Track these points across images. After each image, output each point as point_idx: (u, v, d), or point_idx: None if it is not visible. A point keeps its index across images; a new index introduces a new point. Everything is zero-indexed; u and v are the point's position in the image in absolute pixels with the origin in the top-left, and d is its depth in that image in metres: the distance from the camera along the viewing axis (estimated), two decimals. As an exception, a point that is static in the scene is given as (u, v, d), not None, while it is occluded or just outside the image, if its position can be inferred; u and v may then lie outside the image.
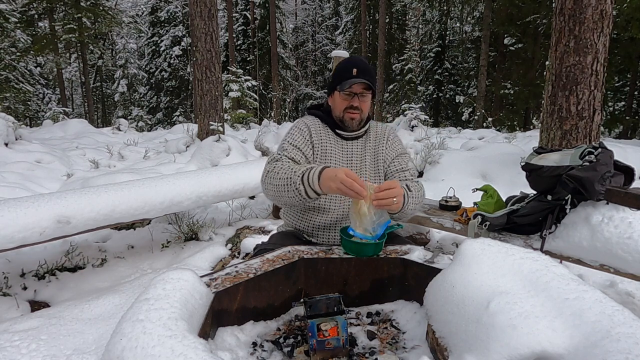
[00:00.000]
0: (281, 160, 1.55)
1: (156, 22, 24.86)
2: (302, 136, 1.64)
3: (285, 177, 1.41)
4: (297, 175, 1.37)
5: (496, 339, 0.81)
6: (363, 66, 1.57)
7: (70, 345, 1.81)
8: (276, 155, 1.60)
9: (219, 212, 3.75)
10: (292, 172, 1.41)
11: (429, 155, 4.65)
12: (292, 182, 1.38)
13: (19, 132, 6.27)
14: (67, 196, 2.25)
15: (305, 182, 1.35)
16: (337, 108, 1.63)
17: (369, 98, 1.62)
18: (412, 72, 19.15)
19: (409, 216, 1.59)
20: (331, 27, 30.35)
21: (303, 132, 1.65)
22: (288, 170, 1.43)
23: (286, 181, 1.40)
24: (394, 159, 1.70)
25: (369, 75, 1.57)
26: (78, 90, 29.98)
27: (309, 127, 1.66)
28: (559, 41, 3.57)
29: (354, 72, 1.55)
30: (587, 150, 1.93)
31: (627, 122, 13.12)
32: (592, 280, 2.43)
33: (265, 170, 1.55)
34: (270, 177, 1.48)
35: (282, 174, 1.43)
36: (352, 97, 1.58)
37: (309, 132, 1.65)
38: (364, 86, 1.57)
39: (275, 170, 1.47)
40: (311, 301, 1.12)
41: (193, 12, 5.69)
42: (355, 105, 1.59)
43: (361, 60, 1.61)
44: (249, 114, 12.70)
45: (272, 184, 1.46)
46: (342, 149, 1.67)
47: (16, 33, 13.59)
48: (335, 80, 1.62)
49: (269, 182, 1.49)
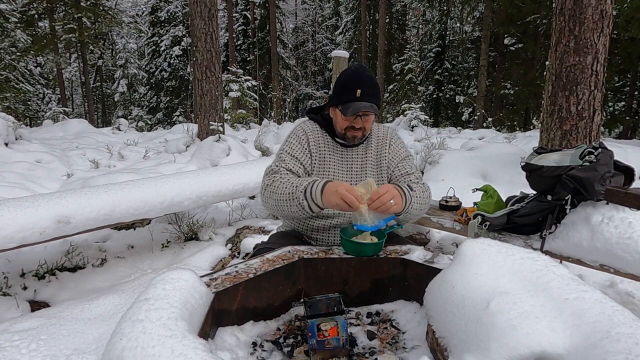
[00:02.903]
0: (279, 172, 1.53)
1: (156, 22, 24.85)
2: (300, 145, 1.60)
3: (287, 193, 1.41)
4: (300, 190, 1.38)
5: (496, 339, 0.81)
6: (368, 85, 1.50)
7: (70, 345, 1.81)
8: (274, 166, 1.57)
9: (219, 212, 3.75)
10: (293, 187, 1.40)
11: (429, 155, 4.65)
12: (294, 198, 1.39)
13: (19, 132, 6.27)
14: (67, 196, 2.25)
15: (308, 197, 1.36)
16: (339, 125, 1.59)
17: (372, 116, 1.57)
18: (412, 72, 19.13)
19: (415, 217, 1.56)
20: (331, 27, 30.33)
21: (301, 141, 1.61)
22: (289, 184, 1.42)
23: (288, 196, 1.40)
24: (398, 163, 1.66)
25: (374, 95, 1.51)
26: (78, 90, 29.98)
27: (307, 135, 1.62)
28: (559, 41, 3.57)
29: (358, 94, 1.47)
30: (587, 151, 1.93)
31: (627, 122, 13.11)
32: (592, 280, 2.43)
33: (264, 183, 1.53)
34: (270, 192, 1.47)
35: (283, 188, 1.43)
36: (355, 118, 1.53)
37: (307, 140, 1.61)
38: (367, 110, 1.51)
39: (275, 185, 1.46)
40: (311, 301, 1.12)
41: (193, 12, 5.69)
42: (357, 127, 1.54)
43: (366, 77, 1.52)
44: (249, 114, 12.69)
45: (273, 198, 1.46)
46: (342, 157, 1.63)
47: (16, 33, 13.58)
48: (337, 97, 1.54)
49: (269, 196, 1.48)
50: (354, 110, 1.49)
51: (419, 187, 1.54)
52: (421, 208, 1.52)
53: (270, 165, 1.59)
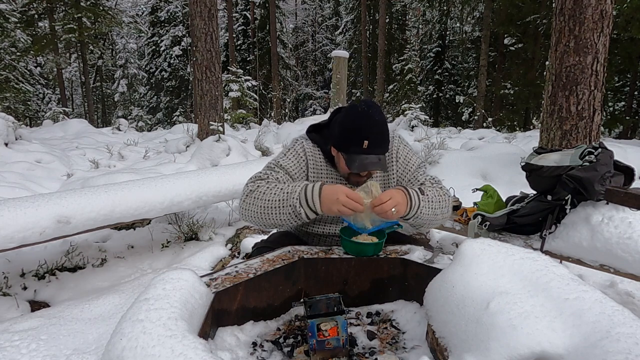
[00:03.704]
0: (267, 179, 1.39)
1: (156, 22, 24.85)
2: (298, 164, 1.47)
3: (276, 199, 1.29)
4: (294, 197, 1.27)
5: (496, 339, 0.81)
6: (377, 134, 1.34)
7: (70, 345, 1.81)
8: (261, 174, 1.42)
9: (219, 212, 3.75)
10: (284, 193, 1.29)
11: (429, 155, 4.65)
12: (287, 205, 1.28)
13: (19, 132, 6.27)
14: (67, 196, 2.25)
15: (304, 204, 1.27)
16: (342, 169, 1.45)
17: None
18: (412, 72, 19.13)
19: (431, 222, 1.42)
20: (331, 27, 30.33)
21: (300, 160, 1.47)
22: (278, 190, 1.31)
23: (279, 203, 1.29)
24: (411, 178, 1.51)
25: (382, 145, 1.37)
26: (78, 90, 29.97)
27: (307, 157, 1.48)
28: (559, 41, 3.57)
29: (365, 145, 1.32)
30: (587, 150, 1.93)
31: (627, 122, 13.11)
32: (592, 280, 2.43)
33: (246, 189, 1.38)
34: (254, 198, 1.34)
35: (271, 194, 1.31)
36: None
37: (306, 163, 1.48)
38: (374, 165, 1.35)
39: (260, 190, 1.34)
40: (311, 301, 1.12)
41: (193, 12, 5.69)
42: (363, 175, 1.43)
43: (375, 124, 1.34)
44: (249, 114, 12.70)
45: (257, 205, 1.32)
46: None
47: (16, 33, 13.57)
48: (342, 142, 1.37)
49: (252, 203, 1.34)
50: (360, 169, 1.35)
51: (434, 190, 1.41)
52: (436, 213, 1.39)
53: (256, 173, 1.46)
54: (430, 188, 1.43)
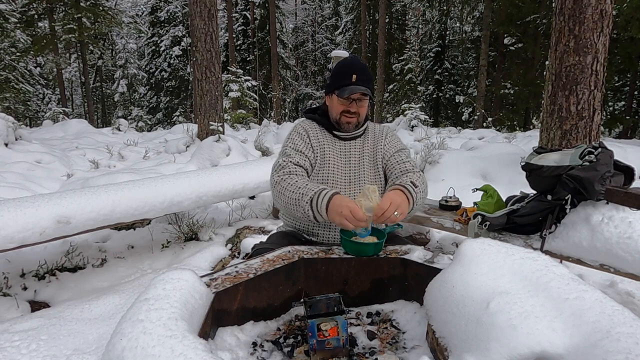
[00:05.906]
0: (287, 167, 1.59)
1: (156, 22, 24.85)
2: (302, 140, 1.68)
3: (294, 198, 1.45)
4: (306, 201, 1.41)
5: (496, 339, 0.81)
6: (362, 71, 1.60)
7: (70, 345, 1.81)
8: (281, 162, 1.62)
9: (219, 212, 3.75)
10: (300, 194, 1.44)
11: (429, 155, 4.65)
12: (300, 205, 1.43)
13: (19, 132, 6.27)
14: (67, 196, 2.25)
15: (314, 208, 1.39)
16: (335, 110, 1.67)
17: (367, 102, 1.66)
18: (412, 72, 19.13)
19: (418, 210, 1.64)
20: (331, 27, 30.33)
21: (302, 136, 1.69)
22: (296, 189, 1.46)
23: (295, 201, 1.45)
24: (394, 154, 1.72)
25: (368, 81, 1.61)
26: (78, 90, 29.98)
27: (307, 131, 1.70)
28: (559, 41, 3.57)
29: (354, 79, 1.58)
30: (587, 150, 1.93)
31: (627, 122, 13.11)
32: (592, 280, 2.43)
33: (273, 180, 1.59)
34: (278, 191, 1.53)
35: (290, 192, 1.47)
36: (350, 102, 1.62)
37: (307, 135, 1.69)
38: (362, 92, 1.60)
39: (283, 185, 1.52)
40: (311, 301, 1.12)
41: (193, 12, 5.69)
42: (352, 111, 1.63)
43: (361, 64, 1.63)
44: (249, 114, 12.70)
45: (281, 198, 1.51)
46: (340, 150, 1.70)
47: (16, 33, 13.57)
48: (334, 83, 1.65)
49: (278, 195, 1.54)
50: (351, 92, 1.58)
51: (419, 179, 1.58)
52: (423, 198, 1.59)
53: (277, 161, 1.65)
54: (415, 175, 1.60)
